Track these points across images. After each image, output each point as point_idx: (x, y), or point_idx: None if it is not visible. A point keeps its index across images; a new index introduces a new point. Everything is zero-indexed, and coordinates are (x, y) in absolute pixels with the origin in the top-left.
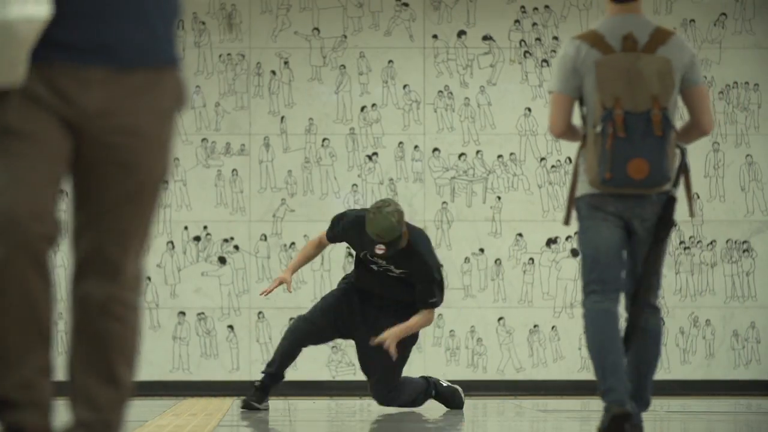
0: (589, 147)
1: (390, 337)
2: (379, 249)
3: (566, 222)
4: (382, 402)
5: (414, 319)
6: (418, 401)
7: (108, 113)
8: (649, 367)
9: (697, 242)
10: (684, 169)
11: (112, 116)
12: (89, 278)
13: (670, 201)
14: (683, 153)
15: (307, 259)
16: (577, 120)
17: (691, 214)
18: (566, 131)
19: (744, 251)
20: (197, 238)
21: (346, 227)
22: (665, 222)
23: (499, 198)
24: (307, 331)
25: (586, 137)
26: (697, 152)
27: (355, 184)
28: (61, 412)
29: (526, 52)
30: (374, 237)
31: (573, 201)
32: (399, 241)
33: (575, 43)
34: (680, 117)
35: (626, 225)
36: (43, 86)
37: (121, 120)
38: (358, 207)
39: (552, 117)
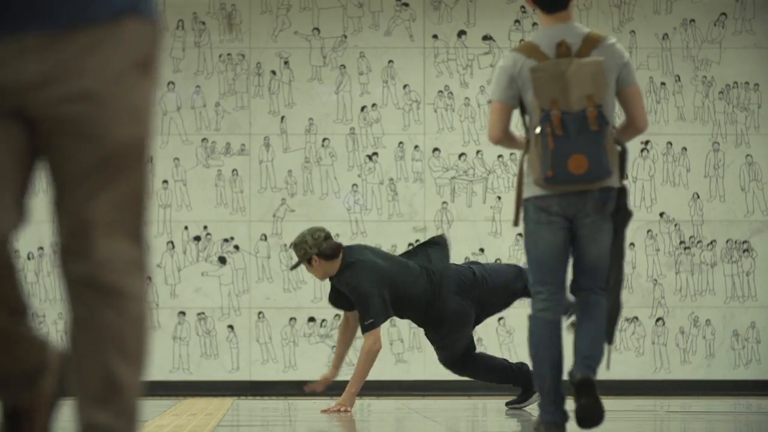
0: (532, 149)
1: (344, 403)
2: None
3: (515, 223)
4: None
5: (359, 359)
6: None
7: (50, 82)
8: (592, 327)
9: (697, 242)
10: (622, 164)
11: (55, 84)
12: (68, 263)
13: (621, 192)
14: (623, 149)
15: (344, 345)
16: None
17: (629, 211)
18: (503, 138)
19: (744, 251)
20: (197, 238)
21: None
22: (621, 212)
23: (499, 198)
24: None
25: (529, 142)
26: (697, 152)
27: (355, 184)
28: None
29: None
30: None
31: (520, 203)
32: (302, 257)
33: (512, 55)
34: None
35: (571, 223)
36: None
37: (68, 87)
38: (356, 209)
39: (490, 124)
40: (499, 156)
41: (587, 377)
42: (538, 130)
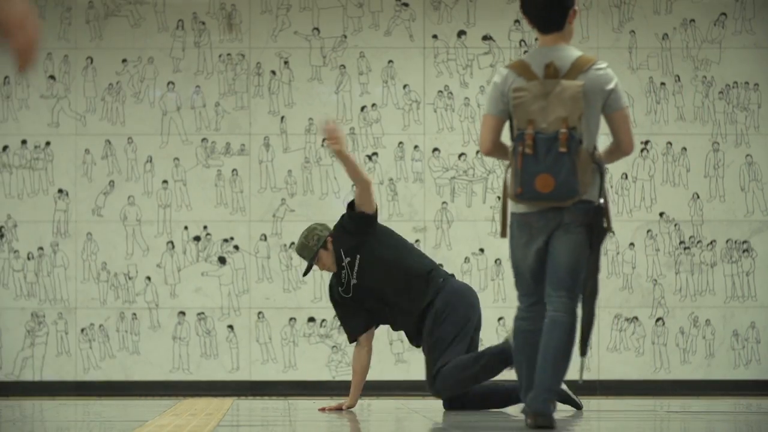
0: (510, 166)
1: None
2: (317, 268)
3: (503, 235)
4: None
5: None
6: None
7: None
8: (551, 355)
9: (697, 242)
10: (602, 182)
11: None
12: None
13: (596, 210)
14: (601, 168)
15: (361, 373)
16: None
17: (608, 227)
18: (492, 149)
19: (744, 251)
20: (197, 238)
21: (330, 291)
22: (595, 230)
23: (499, 198)
24: None
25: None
26: (697, 152)
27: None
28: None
29: (526, 52)
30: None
31: (506, 216)
32: (316, 253)
33: (504, 71)
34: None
35: (550, 235)
36: None
37: None
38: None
39: (480, 136)
40: None
41: (545, 412)
42: (511, 148)
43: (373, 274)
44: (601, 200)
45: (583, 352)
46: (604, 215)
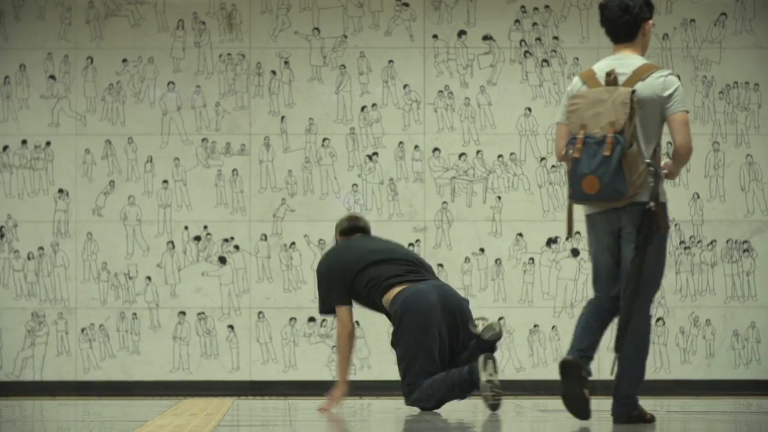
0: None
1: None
2: None
3: (568, 236)
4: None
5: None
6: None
7: None
8: (630, 362)
9: (697, 242)
10: (655, 185)
11: None
12: None
13: (645, 213)
14: (655, 172)
15: (349, 357)
16: None
17: (658, 228)
18: (563, 157)
19: (744, 251)
20: (197, 238)
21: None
22: (642, 231)
23: (499, 198)
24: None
25: None
26: (697, 152)
27: (355, 184)
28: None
29: (526, 52)
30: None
31: (571, 217)
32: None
33: (574, 79)
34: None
35: (617, 234)
36: None
37: None
38: (356, 209)
39: (555, 143)
40: (499, 156)
41: (622, 415)
42: (563, 152)
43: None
44: (652, 204)
45: (617, 348)
46: (655, 217)
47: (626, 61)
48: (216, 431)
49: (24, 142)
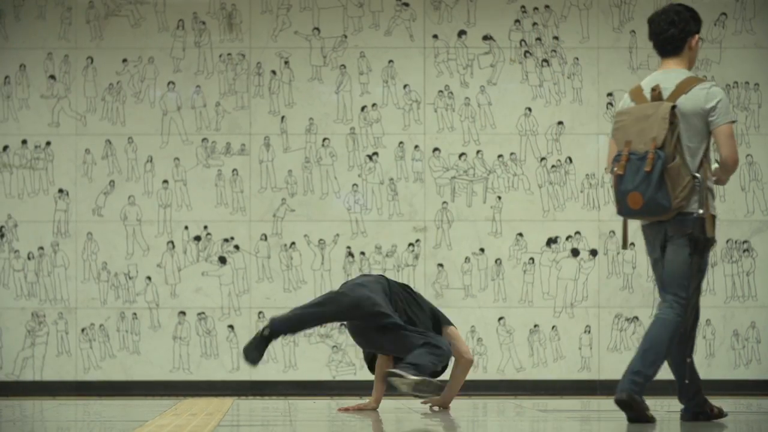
0: None
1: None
2: None
3: (624, 247)
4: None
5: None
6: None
7: None
8: (645, 343)
9: None
10: (700, 196)
11: None
12: None
13: (695, 222)
14: (698, 182)
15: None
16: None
17: (709, 233)
18: (610, 172)
19: (744, 251)
20: (197, 238)
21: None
22: (699, 240)
23: (499, 198)
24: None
25: None
26: None
27: (355, 184)
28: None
29: (526, 52)
30: None
31: (626, 229)
32: None
33: (624, 96)
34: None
35: (665, 244)
36: None
37: None
38: (356, 209)
39: (607, 157)
40: (499, 156)
41: (626, 390)
42: (609, 169)
43: None
44: (700, 211)
45: (688, 354)
46: (703, 225)
47: (671, 75)
48: (216, 431)
49: (24, 142)
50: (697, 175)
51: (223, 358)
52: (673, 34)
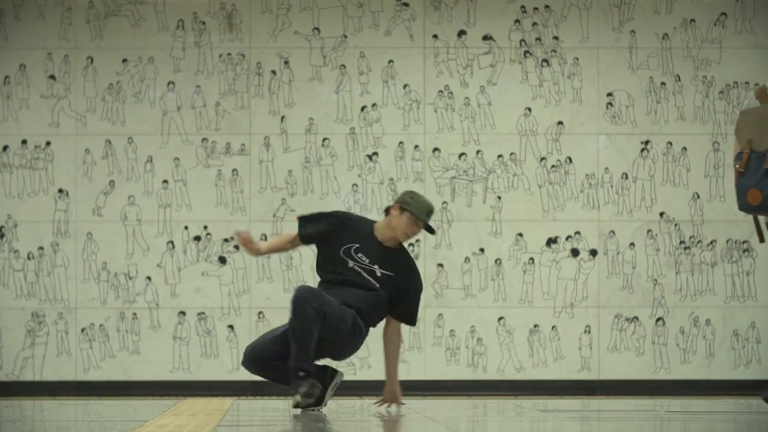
0: None
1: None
2: (412, 231)
3: (761, 240)
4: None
5: (394, 353)
6: None
7: None
8: None
9: (697, 242)
10: None
11: None
12: None
13: None
14: None
15: (279, 249)
16: None
17: None
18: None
19: (744, 251)
20: (197, 238)
21: (348, 216)
22: None
23: (499, 198)
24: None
25: None
26: (697, 152)
27: (355, 184)
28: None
29: (526, 51)
30: (423, 216)
31: (758, 223)
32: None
33: (749, 95)
34: None
35: None
36: None
37: None
38: (356, 209)
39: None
40: (499, 156)
41: None
42: (732, 166)
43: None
44: None
45: None
46: None
47: None
48: (216, 431)
49: (24, 142)
50: None
51: (223, 358)
52: None
